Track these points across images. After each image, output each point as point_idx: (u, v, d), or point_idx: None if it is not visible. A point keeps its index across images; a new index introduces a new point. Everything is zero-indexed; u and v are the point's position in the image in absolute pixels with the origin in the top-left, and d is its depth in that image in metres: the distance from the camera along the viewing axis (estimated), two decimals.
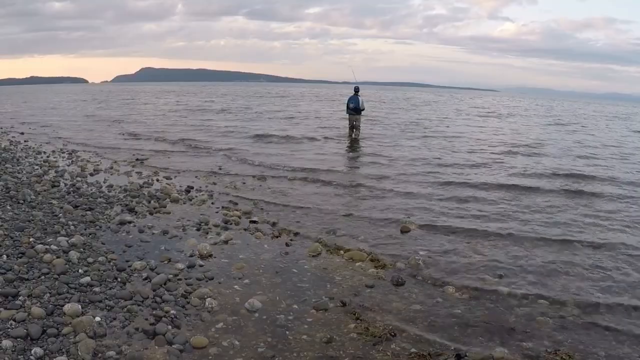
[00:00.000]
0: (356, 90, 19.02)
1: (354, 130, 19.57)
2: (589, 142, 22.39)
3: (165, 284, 5.48)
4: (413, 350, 4.41)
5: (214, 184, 11.25)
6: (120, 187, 10.21)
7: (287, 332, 4.68)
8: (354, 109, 19.10)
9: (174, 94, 73.99)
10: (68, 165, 12.84)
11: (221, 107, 39.69)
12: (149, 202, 9.07)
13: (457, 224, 8.40)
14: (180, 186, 10.69)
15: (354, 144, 18.62)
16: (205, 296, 5.23)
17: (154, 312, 4.82)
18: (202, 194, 10.03)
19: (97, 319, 4.55)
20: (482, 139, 21.85)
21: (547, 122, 34.36)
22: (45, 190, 9.35)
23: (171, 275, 5.71)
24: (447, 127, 27.48)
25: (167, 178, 11.65)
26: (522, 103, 79.71)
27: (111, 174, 11.88)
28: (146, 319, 4.68)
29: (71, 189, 9.69)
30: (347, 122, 20.24)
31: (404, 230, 8.00)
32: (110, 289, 5.25)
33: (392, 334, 4.64)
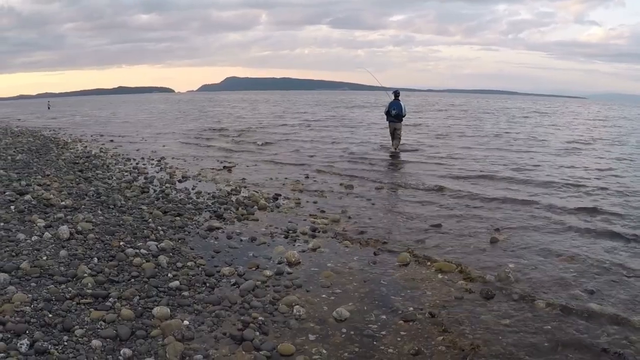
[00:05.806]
0: (396, 94, 17.93)
1: (395, 140, 18.38)
2: None
3: (253, 290, 5.59)
4: None
5: (302, 191, 11.39)
6: (209, 193, 10.58)
7: (374, 343, 4.64)
8: (397, 115, 17.73)
9: (264, 102, 75.34)
10: (157, 172, 13.52)
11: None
12: (237, 209, 9.31)
13: (548, 237, 8.04)
14: (268, 194, 10.89)
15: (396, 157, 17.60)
16: (293, 304, 5.28)
17: (241, 317, 4.91)
18: (290, 202, 10.19)
19: (186, 322, 4.70)
20: None
21: None
22: (135, 196, 9.86)
23: (259, 282, 5.83)
24: None
25: (255, 185, 11.92)
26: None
27: (199, 181, 12.36)
28: (234, 324, 4.78)
29: (160, 195, 10.17)
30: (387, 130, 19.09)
31: (493, 241, 7.74)
32: (198, 293, 5.44)
33: (480, 348, 4.51)
